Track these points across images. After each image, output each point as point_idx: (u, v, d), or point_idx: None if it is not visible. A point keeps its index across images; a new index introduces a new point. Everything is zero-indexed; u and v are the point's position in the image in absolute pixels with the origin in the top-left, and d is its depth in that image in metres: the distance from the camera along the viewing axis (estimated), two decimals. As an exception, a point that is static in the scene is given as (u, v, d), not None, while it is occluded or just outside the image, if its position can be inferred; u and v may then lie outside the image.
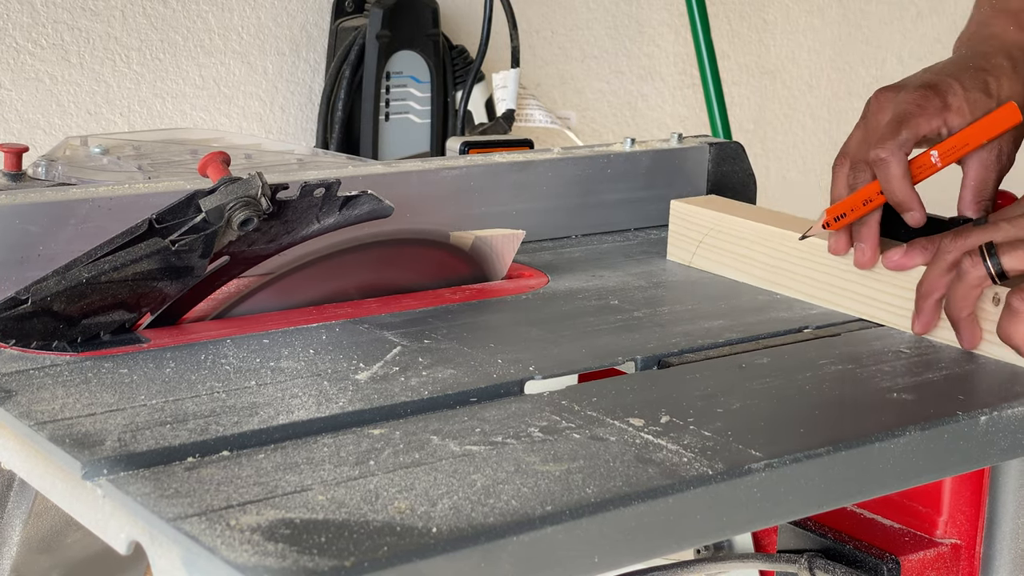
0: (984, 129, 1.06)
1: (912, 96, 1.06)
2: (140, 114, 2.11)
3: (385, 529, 0.69)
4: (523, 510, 0.72)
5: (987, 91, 1.07)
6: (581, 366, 0.96)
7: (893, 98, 1.08)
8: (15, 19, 2.00)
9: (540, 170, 1.28)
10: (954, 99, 1.06)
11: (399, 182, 1.18)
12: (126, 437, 0.79)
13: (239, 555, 0.66)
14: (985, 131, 1.06)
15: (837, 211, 1.08)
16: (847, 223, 1.09)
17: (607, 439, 0.82)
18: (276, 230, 1.00)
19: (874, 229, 1.08)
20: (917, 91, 1.07)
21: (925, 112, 1.06)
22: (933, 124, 1.06)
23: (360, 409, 0.86)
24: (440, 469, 0.77)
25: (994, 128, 1.06)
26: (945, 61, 1.11)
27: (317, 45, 2.25)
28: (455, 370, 0.94)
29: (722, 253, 1.21)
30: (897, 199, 1.05)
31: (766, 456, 0.81)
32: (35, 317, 0.93)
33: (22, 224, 1.01)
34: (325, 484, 0.74)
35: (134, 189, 1.06)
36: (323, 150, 1.89)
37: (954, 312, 0.99)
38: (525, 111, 2.28)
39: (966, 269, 0.97)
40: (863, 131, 1.09)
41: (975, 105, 1.07)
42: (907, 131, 1.05)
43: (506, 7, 2.23)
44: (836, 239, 1.10)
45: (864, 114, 1.10)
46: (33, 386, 0.88)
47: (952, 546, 0.99)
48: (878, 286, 1.08)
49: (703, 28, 2.42)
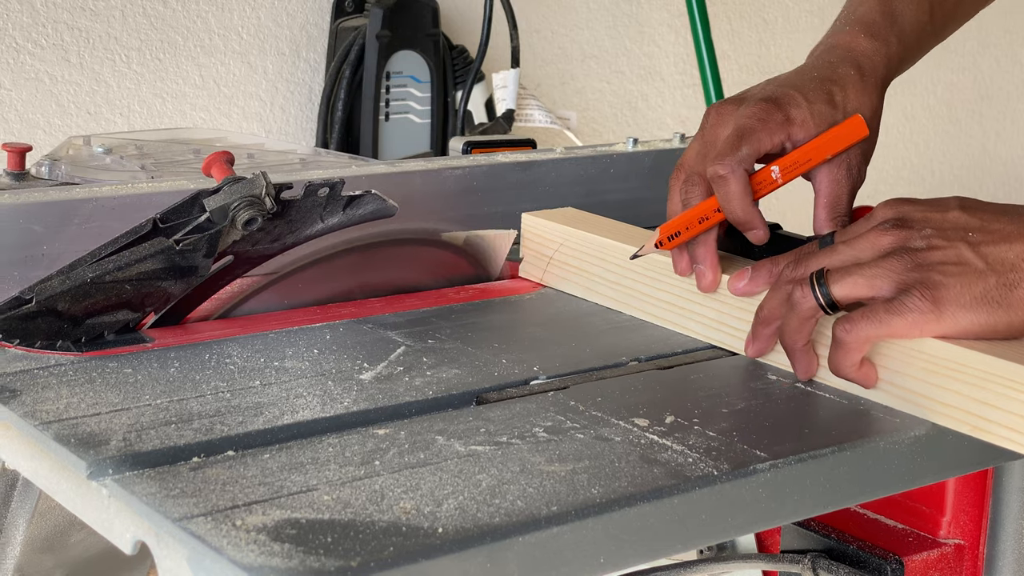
0: (829, 143, 1.00)
1: (753, 110, 1.00)
2: (140, 114, 2.11)
3: (391, 529, 0.69)
4: (529, 510, 0.72)
5: (832, 103, 1.02)
6: (586, 366, 0.96)
7: (733, 111, 1.02)
8: (15, 19, 2.00)
9: (543, 170, 1.28)
10: (797, 112, 1.00)
11: (403, 182, 1.17)
12: (131, 437, 0.79)
13: (245, 555, 0.66)
14: (830, 145, 1.00)
15: (671, 229, 1.01)
16: (682, 241, 1.01)
17: (612, 439, 0.82)
18: (280, 230, 1.00)
19: (711, 248, 1.01)
20: (758, 104, 1.01)
21: (767, 126, 1.00)
22: (776, 139, 1.00)
23: (365, 409, 0.86)
24: (445, 469, 0.77)
25: (840, 142, 1.01)
26: (790, 72, 1.05)
27: (317, 45, 2.25)
28: (459, 370, 0.94)
29: (569, 270, 1.14)
30: (738, 218, 0.99)
31: (771, 456, 0.81)
32: (39, 317, 0.93)
33: (26, 223, 1.01)
34: (331, 484, 0.74)
35: (138, 189, 1.06)
36: (325, 150, 1.88)
37: (787, 343, 0.93)
38: (525, 111, 2.28)
39: (797, 300, 0.91)
40: (700, 144, 1.03)
41: (820, 118, 1.01)
42: (747, 147, 0.99)
43: (506, 7, 2.23)
44: (677, 258, 1.03)
45: (702, 126, 1.04)
46: (38, 386, 0.87)
47: (956, 546, 0.99)
48: (724, 309, 1.01)
49: (703, 28, 2.43)
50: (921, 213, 0.91)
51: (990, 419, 0.85)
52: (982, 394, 0.86)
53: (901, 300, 0.87)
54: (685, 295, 1.03)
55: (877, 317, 0.87)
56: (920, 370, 0.88)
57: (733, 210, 0.99)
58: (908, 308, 0.87)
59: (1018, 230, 0.88)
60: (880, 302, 0.88)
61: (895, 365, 0.90)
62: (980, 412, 0.86)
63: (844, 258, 0.91)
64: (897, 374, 0.90)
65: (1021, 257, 0.87)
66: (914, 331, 0.87)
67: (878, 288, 0.88)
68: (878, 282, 0.88)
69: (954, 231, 0.89)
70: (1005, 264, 0.87)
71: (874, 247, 0.91)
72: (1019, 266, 0.87)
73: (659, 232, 1.02)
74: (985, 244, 0.88)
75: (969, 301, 0.86)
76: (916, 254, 0.88)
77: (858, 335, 0.88)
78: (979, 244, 0.88)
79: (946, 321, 0.87)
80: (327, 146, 2.19)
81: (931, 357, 0.88)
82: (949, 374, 0.87)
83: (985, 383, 0.86)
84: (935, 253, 0.88)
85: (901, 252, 0.89)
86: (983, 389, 0.86)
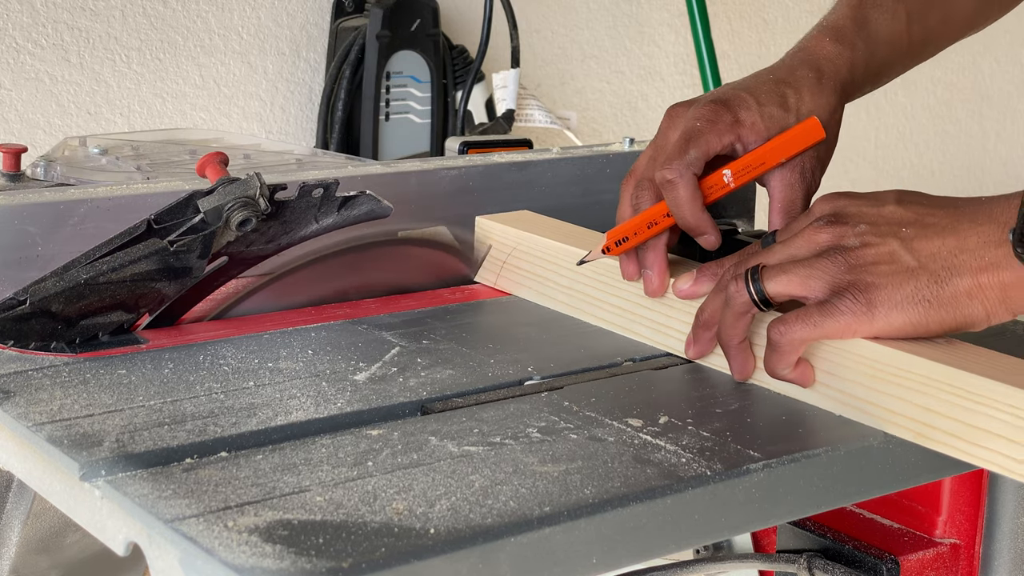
0: (782, 146, 0.99)
1: (701, 112, 0.99)
2: (140, 114, 2.11)
3: (383, 530, 0.69)
4: (521, 511, 0.72)
5: (784, 105, 1.00)
6: (580, 367, 0.96)
7: (683, 114, 1.01)
8: (15, 19, 2.00)
9: (539, 170, 1.28)
10: (747, 114, 0.99)
11: (398, 182, 1.17)
12: (124, 438, 0.79)
13: (237, 556, 0.66)
14: (784, 148, 0.99)
15: (619, 234, 1.00)
16: (630, 247, 1.00)
17: (605, 439, 0.82)
18: (274, 230, 1.00)
19: (661, 254, 0.99)
20: (707, 106, 0.99)
21: (715, 128, 0.98)
22: (725, 141, 0.98)
23: (358, 410, 0.86)
24: (438, 470, 0.77)
25: (794, 145, 0.99)
26: (749, 75, 1.04)
27: (317, 45, 2.25)
28: (454, 371, 0.93)
29: (523, 275, 1.12)
30: (687, 223, 0.98)
31: (764, 456, 0.81)
32: (33, 318, 0.93)
33: (20, 225, 1.01)
34: (323, 485, 0.74)
35: (133, 190, 1.06)
36: (323, 150, 1.89)
37: (723, 340, 0.92)
38: (525, 111, 2.28)
39: (731, 295, 0.90)
40: (653, 149, 1.01)
41: (771, 120, 0.99)
42: (695, 149, 0.97)
43: (506, 7, 2.23)
44: (624, 264, 1.01)
45: (658, 131, 1.02)
46: (31, 387, 0.87)
47: (951, 546, 0.99)
48: (672, 313, 0.99)
49: (703, 28, 2.43)
50: (856, 208, 0.90)
51: (933, 425, 0.84)
52: (924, 400, 0.84)
53: (834, 303, 0.86)
54: (636, 300, 1.02)
55: (811, 320, 0.87)
56: (864, 375, 0.87)
57: (682, 215, 0.98)
58: (840, 311, 0.86)
59: (952, 223, 0.87)
60: (814, 304, 0.87)
61: (840, 371, 0.89)
62: (923, 419, 0.84)
63: (780, 256, 0.90)
64: (842, 380, 0.89)
65: (953, 251, 0.86)
66: (847, 333, 0.87)
67: (811, 288, 0.88)
68: (812, 282, 0.88)
69: (888, 227, 0.88)
70: (937, 259, 0.86)
71: (809, 244, 0.90)
72: (951, 261, 0.85)
73: (606, 237, 1.01)
74: (918, 239, 0.87)
75: (900, 300, 0.86)
76: (849, 253, 0.87)
77: (792, 337, 0.87)
78: (912, 239, 0.87)
79: (878, 322, 0.86)
80: (327, 146, 2.19)
81: (873, 362, 0.87)
82: (891, 379, 0.86)
83: (927, 388, 0.84)
84: (867, 251, 0.87)
85: (834, 252, 0.88)
86: (925, 395, 0.84)
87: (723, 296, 0.92)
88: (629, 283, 1.02)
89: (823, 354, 0.89)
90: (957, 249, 0.86)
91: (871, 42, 1.07)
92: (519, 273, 1.12)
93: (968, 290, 0.85)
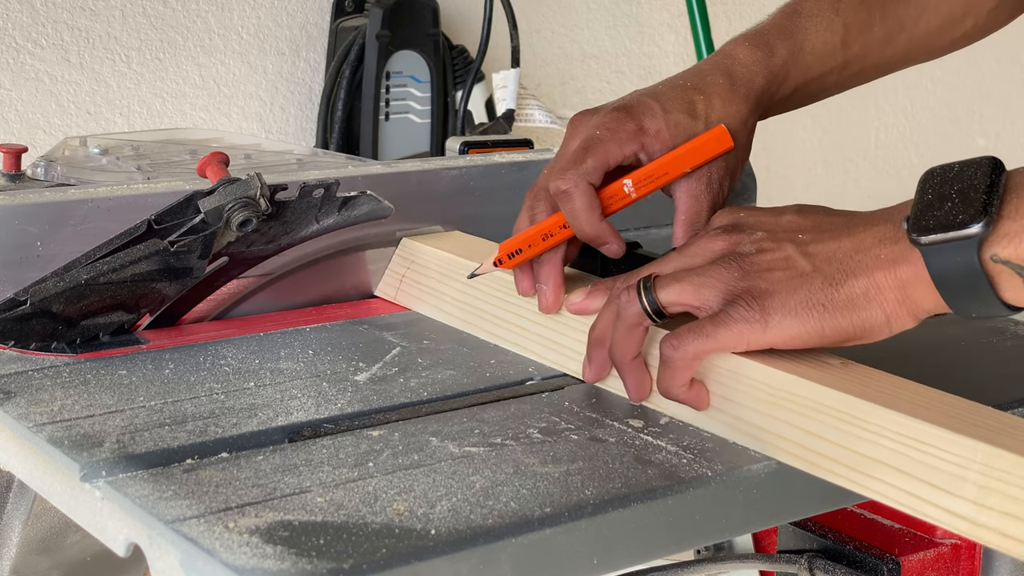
0: (688, 155, 0.95)
1: (603, 120, 0.95)
2: (140, 114, 2.11)
3: (384, 531, 0.69)
4: (522, 512, 0.72)
5: (692, 112, 0.96)
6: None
7: (586, 122, 0.97)
8: (15, 19, 2.00)
9: (539, 170, 1.26)
10: (651, 122, 0.95)
11: (398, 182, 1.17)
12: (125, 439, 0.79)
13: (237, 557, 0.66)
14: (689, 157, 0.95)
15: (511, 246, 0.96)
16: (523, 260, 0.96)
17: (606, 440, 0.82)
18: (275, 231, 1.00)
19: (556, 267, 0.95)
20: (609, 114, 0.96)
21: (616, 137, 0.94)
22: (626, 150, 0.95)
23: (359, 410, 0.86)
24: (439, 471, 0.77)
25: (700, 154, 0.95)
26: (662, 80, 1.00)
27: (317, 45, 2.25)
28: (454, 371, 0.93)
29: (422, 289, 1.08)
30: (585, 233, 0.94)
31: (765, 457, 0.81)
32: (34, 318, 0.93)
33: (21, 225, 1.01)
34: (324, 486, 0.74)
35: (133, 190, 1.06)
36: (323, 150, 1.88)
37: (616, 357, 0.88)
38: (525, 111, 2.28)
39: (623, 305, 0.86)
40: (555, 158, 0.98)
41: (676, 128, 0.95)
42: (593, 159, 0.94)
43: (506, 7, 2.23)
44: (519, 278, 0.97)
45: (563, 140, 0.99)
46: (32, 387, 0.87)
47: (952, 546, 0.99)
48: (567, 332, 0.95)
49: (703, 28, 2.42)
50: (755, 219, 0.87)
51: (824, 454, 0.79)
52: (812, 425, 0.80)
53: (727, 311, 0.82)
54: (531, 316, 0.98)
55: (704, 331, 0.83)
56: (756, 400, 0.83)
57: (580, 226, 0.94)
58: (733, 319, 0.82)
59: (848, 226, 0.83)
60: (707, 315, 0.84)
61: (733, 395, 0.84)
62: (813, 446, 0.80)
63: (675, 264, 0.87)
64: (736, 404, 0.84)
65: (848, 252, 0.82)
66: (741, 343, 0.83)
67: (704, 298, 0.84)
68: (705, 291, 0.84)
69: (785, 233, 0.85)
70: (832, 262, 0.82)
71: (704, 252, 0.86)
72: (846, 263, 0.81)
73: (498, 250, 0.97)
74: (814, 243, 0.83)
75: (794, 306, 0.81)
76: (744, 259, 0.84)
77: (686, 351, 0.83)
78: (808, 243, 0.83)
79: (772, 330, 0.82)
80: (327, 146, 2.19)
81: (764, 385, 0.83)
82: (782, 403, 0.82)
83: (815, 414, 0.80)
84: (763, 257, 0.84)
85: (729, 258, 0.84)
86: (813, 420, 0.80)
87: (615, 308, 0.87)
88: (525, 298, 0.98)
89: (717, 376, 0.85)
90: (853, 250, 0.82)
91: (797, 51, 1.02)
92: (419, 287, 1.09)
93: (864, 291, 0.81)
